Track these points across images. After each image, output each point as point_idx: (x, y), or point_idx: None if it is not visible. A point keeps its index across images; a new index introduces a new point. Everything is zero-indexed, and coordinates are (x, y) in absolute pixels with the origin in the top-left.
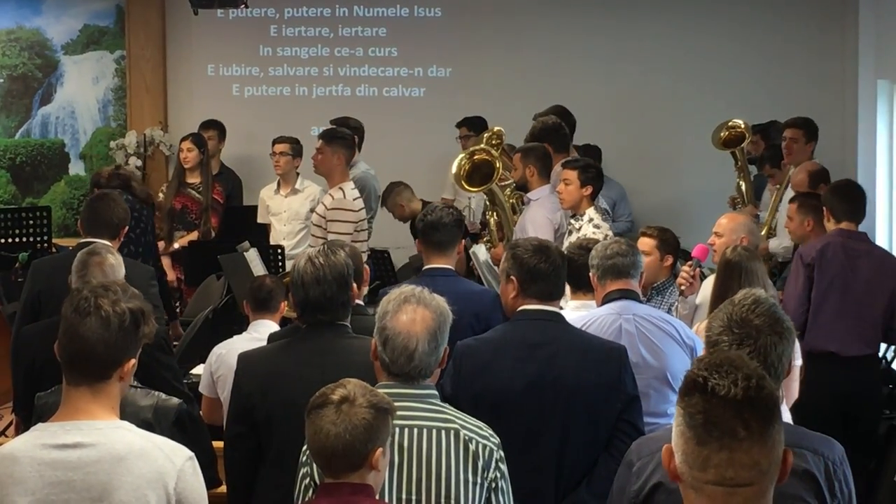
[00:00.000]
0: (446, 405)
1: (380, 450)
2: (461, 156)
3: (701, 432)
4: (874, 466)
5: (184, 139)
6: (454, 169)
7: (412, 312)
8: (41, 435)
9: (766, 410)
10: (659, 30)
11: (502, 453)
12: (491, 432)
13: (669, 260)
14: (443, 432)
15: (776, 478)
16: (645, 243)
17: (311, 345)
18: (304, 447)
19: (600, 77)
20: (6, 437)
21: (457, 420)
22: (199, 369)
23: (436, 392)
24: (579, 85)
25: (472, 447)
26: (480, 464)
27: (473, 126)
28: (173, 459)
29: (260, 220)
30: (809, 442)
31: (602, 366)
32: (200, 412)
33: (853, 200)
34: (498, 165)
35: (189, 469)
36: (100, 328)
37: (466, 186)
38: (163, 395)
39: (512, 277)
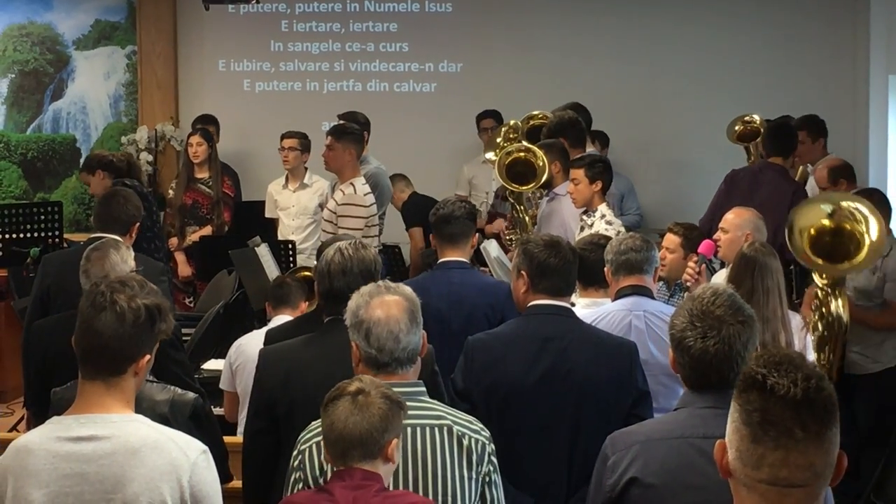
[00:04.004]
0: (435, 401)
1: (395, 441)
2: (509, 148)
3: (757, 430)
4: (885, 460)
5: (192, 134)
6: (498, 161)
7: (384, 300)
8: (56, 427)
9: (824, 412)
10: (669, 25)
11: (493, 446)
12: (481, 426)
13: (694, 258)
14: (436, 429)
15: (829, 480)
16: (670, 240)
17: (332, 338)
18: (296, 452)
19: (610, 73)
20: (18, 431)
21: (448, 416)
22: (210, 364)
23: (423, 388)
24: (589, 81)
25: (465, 442)
26: (474, 458)
27: (498, 118)
28: (187, 452)
29: (268, 214)
30: None
31: (613, 360)
32: (217, 409)
33: (784, 138)
34: (542, 169)
35: (203, 462)
36: (114, 323)
37: (510, 182)
38: (178, 390)
39: (522, 272)
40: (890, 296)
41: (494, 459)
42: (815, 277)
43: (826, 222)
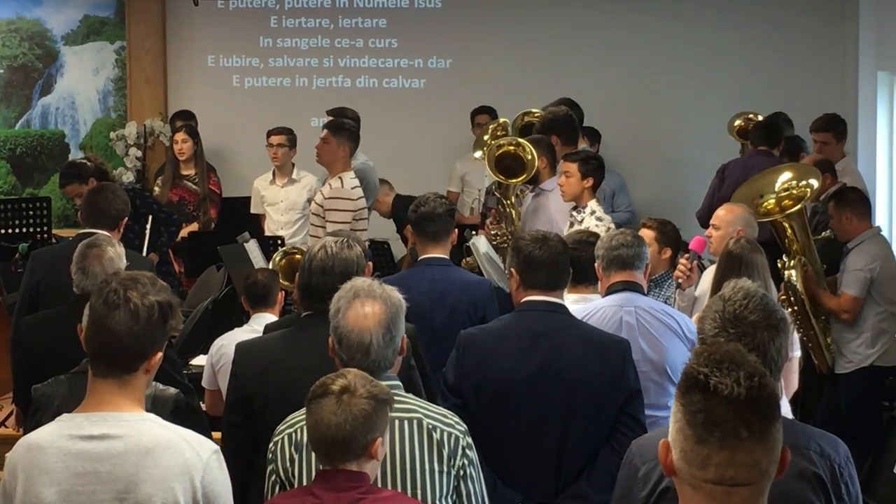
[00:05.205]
0: (409, 395)
1: (379, 440)
2: (499, 141)
3: (701, 431)
4: (873, 457)
5: (177, 130)
6: (488, 153)
7: (363, 307)
8: (67, 425)
9: (767, 410)
10: (659, 20)
11: (470, 440)
12: (457, 420)
13: (668, 252)
14: (405, 422)
15: (774, 475)
16: (644, 234)
17: (308, 334)
18: (271, 444)
19: (600, 68)
20: (7, 427)
21: (420, 409)
22: (199, 360)
23: (398, 382)
24: (579, 76)
25: (436, 436)
26: (446, 452)
27: (493, 115)
28: (199, 452)
29: (253, 210)
30: (815, 443)
31: (605, 358)
32: (201, 403)
33: (770, 131)
34: (531, 163)
35: (215, 462)
36: (128, 321)
37: (499, 174)
38: (160, 385)
39: (513, 269)
40: (843, 286)
41: (471, 453)
42: (781, 262)
43: (770, 206)
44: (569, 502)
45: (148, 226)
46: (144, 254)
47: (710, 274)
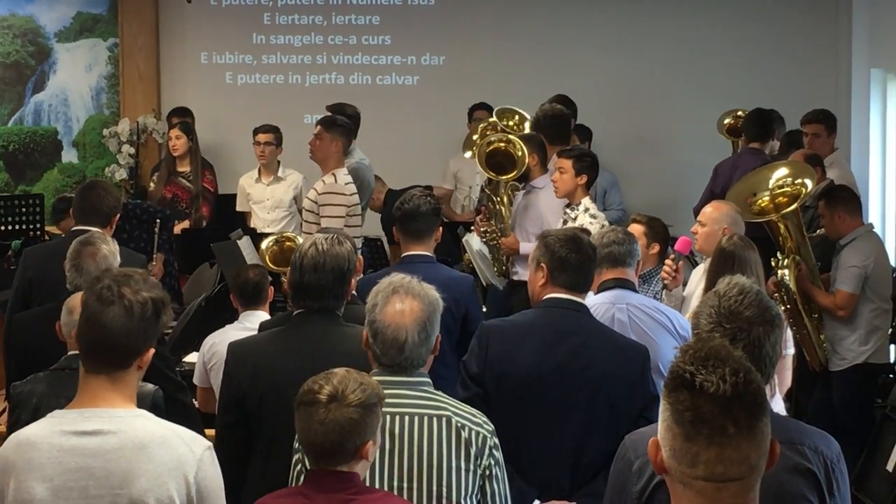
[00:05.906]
0: (439, 392)
1: (369, 442)
2: (490, 137)
3: (689, 429)
4: (866, 454)
5: (172, 127)
6: (479, 149)
7: (401, 304)
8: (60, 421)
9: (754, 405)
10: (653, 18)
11: (497, 440)
12: (485, 419)
13: (656, 248)
14: (434, 419)
15: (764, 469)
16: (634, 229)
17: (301, 333)
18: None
19: (594, 66)
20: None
21: (449, 407)
22: (192, 357)
23: (429, 380)
24: (573, 74)
25: (464, 434)
26: (473, 451)
27: (492, 111)
28: (193, 448)
29: (239, 208)
30: (809, 439)
31: (627, 362)
32: (194, 400)
33: (762, 125)
34: (522, 159)
35: (208, 458)
36: (122, 317)
37: (489, 170)
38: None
39: (542, 265)
40: (838, 283)
41: (497, 453)
42: (774, 260)
43: (764, 203)
44: (586, 500)
45: (157, 229)
46: (154, 256)
47: (698, 273)
